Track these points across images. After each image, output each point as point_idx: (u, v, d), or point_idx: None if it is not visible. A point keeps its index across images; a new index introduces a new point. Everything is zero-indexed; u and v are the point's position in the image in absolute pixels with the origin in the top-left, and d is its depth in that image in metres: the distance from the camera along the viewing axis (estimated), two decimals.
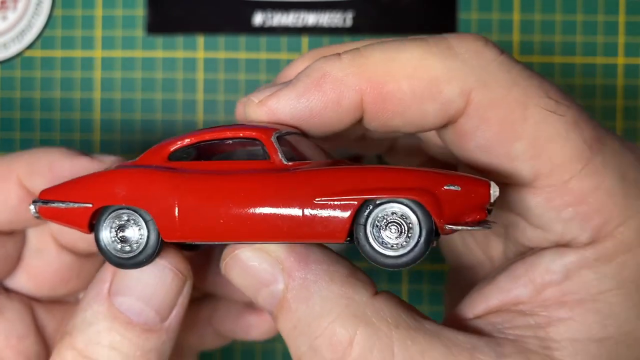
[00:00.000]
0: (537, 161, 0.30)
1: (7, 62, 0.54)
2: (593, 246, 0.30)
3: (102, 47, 0.54)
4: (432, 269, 0.54)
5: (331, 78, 0.31)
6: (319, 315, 0.30)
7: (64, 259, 0.39)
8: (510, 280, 0.32)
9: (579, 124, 0.30)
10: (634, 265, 0.30)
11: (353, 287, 0.30)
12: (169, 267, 0.32)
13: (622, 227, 0.30)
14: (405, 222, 0.28)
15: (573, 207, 0.30)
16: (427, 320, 0.31)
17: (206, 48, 0.54)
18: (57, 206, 0.32)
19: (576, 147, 0.30)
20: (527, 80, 0.30)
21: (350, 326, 0.29)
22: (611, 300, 0.30)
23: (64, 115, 0.54)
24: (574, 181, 0.30)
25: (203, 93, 0.54)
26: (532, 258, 0.32)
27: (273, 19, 0.54)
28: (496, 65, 0.30)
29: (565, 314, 0.30)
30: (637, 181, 0.31)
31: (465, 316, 0.33)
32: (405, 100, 0.30)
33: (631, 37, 0.53)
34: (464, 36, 0.31)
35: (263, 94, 0.32)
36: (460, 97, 0.30)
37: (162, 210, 0.30)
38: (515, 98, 0.30)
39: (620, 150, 0.31)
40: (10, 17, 0.54)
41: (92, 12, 0.54)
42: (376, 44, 0.31)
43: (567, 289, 0.31)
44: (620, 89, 0.53)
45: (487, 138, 0.30)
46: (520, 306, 0.32)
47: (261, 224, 0.29)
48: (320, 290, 0.30)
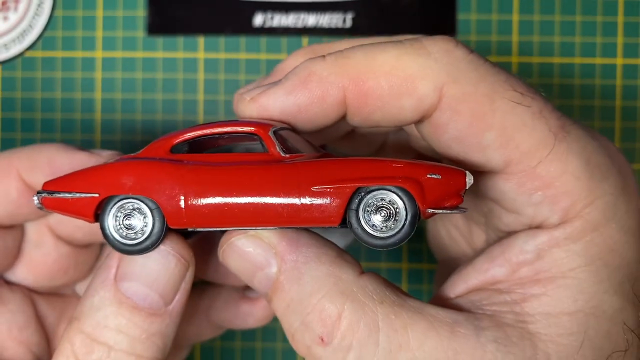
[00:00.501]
0: (506, 149, 0.33)
1: (8, 62, 0.55)
2: (562, 227, 0.33)
3: (103, 47, 0.54)
4: (432, 268, 0.54)
5: (316, 77, 0.34)
6: (309, 293, 0.32)
7: (61, 250, 0.41)
8: (487, 261, 0.35)
9: (543, 114, 0.33)
10: (601, 243, 0.33)
11: (340, 267, 0.33)
12: (172, 253, 0.34)
13: (588, 207, 0.33)
14: (393, 207, 0.32)
15: (542, 190, 0.33)
16: (411, 298, 0.33)
17: (206, 49, 0.54)
18: (63, 197, 0.33)
19: (542, 135, 0.33)
20: (494, 75, 0.33)
21: (339, 302, 0.32)
22: (580, 276, 0.33)
23: (65, 115, 0.54)
24: (541, 166, 0.33)
25: (203, 93, 0.54)
26: (507, 240, 0.35)
27: (273, 19, 0.54)
28: (465, 63, 0.33)
29: (538, 290, 0.33)
30: (600, 165, 0.33)
31: (447, 296, 0.36)
32: (384, 96, 0.33)
33: (630, 38, 0.53)
34: (436, 38, 0.34)
35: (255, 92, 0.35)
36: (433, 92, 0.33)
37: (169, 199, 0.32)
38: (483, 92, 0.33)
39: (584, 137, 0.33)
40: (11, 17, 0.55)
41: (93, 13, 0.54)
42: (357, 46, 0.34)
43: (540, 267, 0.33)
44: (619, 90, 0.53)
45: (459, 129, 0.33)
46: (498, 285, 0.34)
47: (263, 210, 0.31)
48: (310, 270, 0.33)
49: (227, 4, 0.54)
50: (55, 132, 0.54)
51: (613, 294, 0.33)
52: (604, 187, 0.33)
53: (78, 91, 0.54)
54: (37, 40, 0.54)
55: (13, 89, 0.54)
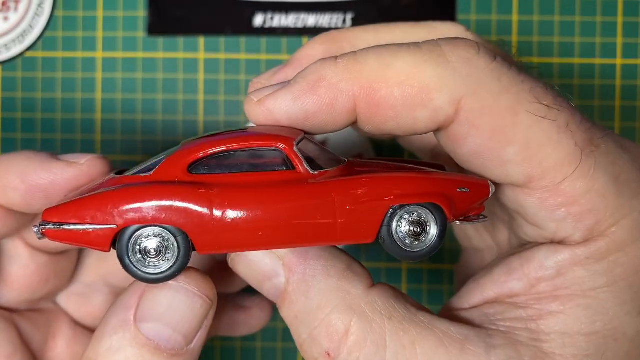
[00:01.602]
0: (529, 165, 0.31)
1: (9, 62, 0.55)
2: (585, 245, 0.31)
3: (104, 48, 0.54)
4: (431, 268, 0.54)
5: (326, 82, 0.32)
6: (317, 307, 0.32)
7: (38, 260, 0.39)
8: (505, 273, 0.33)
9: (570, 127, 0.31)
10: (626, 264, 0.31)
11: (349, 281, 0.32)
12: (198, 295, 0.33)
13: (614, 227, 0.31)
14: (423, 220, 0.32)
15: (565, 207, 0.31)
16: (422, 312, 0.32)
17: (207, 49, 0.54)
18: (74, 229, 0.30)
19: (567, 151, 0.31)
20: (517, 86, 0.31)
21: (346, 317, 0.31)
22: (601, 296, 0.31)
23: (65, 115, 0.54)
24: (566, 183, 0.31)
25: (204, 94, 0.54)
26: (528, 253, 0.33)
27: (273, 20, 0.54)
28: (487, 73, 0.31)
29: (556, 308, 0.32)
30: (630, 181, 0.31)
31: (462, 306, 0.35)
32: (397, 106, 0.31)
33: (629, 38, 0.53)
34: (457, 43, 0.31)
35: (262, 93, 0.33)
36: (450, 104, 0.31)
37: (198, 226, 0.30)
38: (505, 105, 0.30)
39: (615, 152, 0.32)
40: (11, 18, 0.55)
41: (94, 13, 0.54)
42: (372, 49, 0.32)
43: (560, 284, 0.32)
44: (618, 90, 0.53)
45: (478, 144, 0.31)
46: (514, 298, 0.33)
47: (299, 232, 0.31)
48: (318, 283, 0.32)
49: (227, 5, 0.54)
50: (55, 133, 0.54)
51: (636, 316, 0.31)
52: (633, 205, 0.31)
53: (78, 91, 0.54)
54: (38, 41, 0.54)
55: (13, 89, 0.55)
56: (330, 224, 0.31)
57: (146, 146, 0.54)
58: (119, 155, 0.54)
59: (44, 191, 0.35)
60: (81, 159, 0.36)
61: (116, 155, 0.54)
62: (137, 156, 0.54)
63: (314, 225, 0.31)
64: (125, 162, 0.54)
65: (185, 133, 0.54)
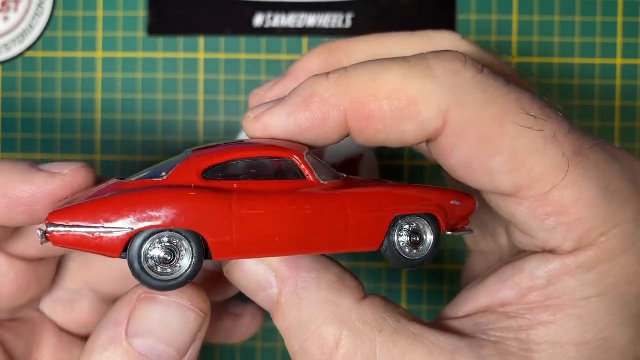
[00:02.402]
0: (517, 174, 0.31)
1: (9, 62, 0.55)
2: (576, 254, 0.32)
3: (103, 48, 0.54)
4: (431, 268, 0.54)
5: (318, 98, 0.32)
6: (308, 319, 0.32)
7: (17, 267, 0.38)
8: (498, 282, 0.34)
9: (557, 138, 0.31)
10: (617, 274, 0.31)
11: (340, 294, 0.33)
12: (192, 309, 0.33)
13: (604, 236, 0.31)
14: (420, 229, 0.34)
15: (555, 217, 0.31)
16: (412, 322, 0.33)
17: (207, 49, 0.54)
18: (85, 232, 0.29)
19: (555, 161, 0.31)
20: (504, 97, 0.31)
21: (337, 330, 0.32)
22: (592, 306, 0.31)
23: (65, 115, 0.54)
24: (554, 192, 0.31)
25: (204, 94, 0.54)
26: (519, 262, 0.34)
27: (273, 20, 0.54)
28: (473, 84, 0.31)
29: (547, 318, 0.32)
30: (620, 191, 0.31)
31: (455, 315, 0.35)
32: (386, 119, 0.32)
33: (629, 39, 0.53)
34: (443, 56, 0.32)
35: (259, 110, 0.34)
36: (437, 116, 0.31)
37: (217, 231, 0.30)
38: (491, 116, 0.31)
39: (604, 161, 0.32)
40: (11, 18, 0.55)
41: (94, 13, 0.54)
42: (362, 64, 0.33)
43: (551, 294, 0.32)
44: (618, 90, 0.53)
45: (465, 155, 0.32)
46: (506, 308, 0.33)
47: (312, 239, 0.31)
48: (309, 295, 0.32)
49: (227, 5, 0.54)
50: (55, 133, 0.54)
51: (627, 326, 0.32)
52: (624, 215, 0.31)
53: (78, 91, 0.54)
54: (38, 41, 0.54)
55: (13, 89, 0.55)
56: (343, 231, 0.32)
57: (146, 146, 0.54)
58: (119, 155, 0.54)
59: (26, 204, 0.34)
60: (64, 169, 0.35)
61: (116, 155, 0.54)
62: (137, 156, 0.54)
63: (328, 232, 0.31)
64: (125, 162, 0.54)
65: (185, 133, 0.54)
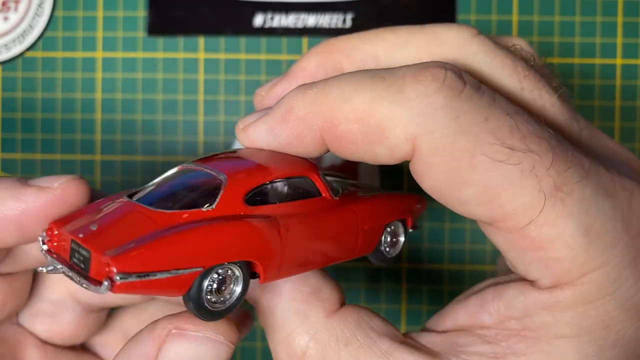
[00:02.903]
0: (489, 207, 0.30)
1: (9, 62, 0.55)
2: (553, 291, 0.30)
3: (103, 48, 0.54)
4: (432, 268, 0.54)
5: (294, 115, 0.32)
6: (279, 327, 0.33)
7: (77, 310, 0.39)
8: (479, 304, 0.33)
9: (536, 172, 0.29)
10: (594, 317, 0.30)
11: (310, 306, 0.33)
12: (224, 342, 0.32)
13: (584, 278, 0.30)
14: (396, 231, 0.38)
15: (532, 252, 0.30)
16: (383, 338, 0.32)
17: (207, 49, 0.54)
18: (153, 278, 0.27)
19: (530, 196, 0.29)
20: (477, 126, 0.29)
21: (304, 341, 0.32)
22: (564, 347, 0.30)
23: (65, 115, 0.54)
24: (532, 228, 0.29)
25: (204, 94, 0.54)
26: (500, 288, 0.33)
27: (273, 20, 0.54)
28: (444, 111, 0.29)
29: (521, 349, 0.31)
30: (604, 233, 0.30)
31: (436, 328, 0.35)
32: (357, 141, 0.31)
33: (629, 39, 0.53)
34: (420, 76, 0.30)
35: (246, 121, 0.34)
36: (405, 142, 0.30)
37: (269, 258, 0.30)
38: (461, 147, 0.29)
39: (590, 199, 0.30)
40: (11, 18, 0.55)
41: (94, 14, 0.54)
42: (338, 79, 0.32)
43: (527, 325, 0.31)
44: (618, 90, 0.53)
45: (435, 182, 0.31)
46: (484, 331, 0.32)
47: (337, 250, 0.34)
48: (282, 305, 0.33)
49: (227, 5, 0.54)
50: (55, 133, 0.54)
51: None
52: (606, 258, 0.29)
53: (78, 91, 0.54)
54: (38, 41, 0.54)
55: (13, 89, 0.55)
56: (354, 241, 0.34)
57: (145, 146, 0.54)
58: (119, 155, 0.54)
59: (16, 222, 0.33)
60: (54, 182, 0.33)
61: (116, 155, 0.54)
62: (137, 156, 0.54)
63: (346, 243, 0.34)
64: (125, 162, 0.54)
65: (185, 133, 0.54)
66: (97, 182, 0.54)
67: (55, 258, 0.29)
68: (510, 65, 0.34)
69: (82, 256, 0.28)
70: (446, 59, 0.33)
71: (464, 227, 0.53)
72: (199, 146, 0.54)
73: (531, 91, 0.33)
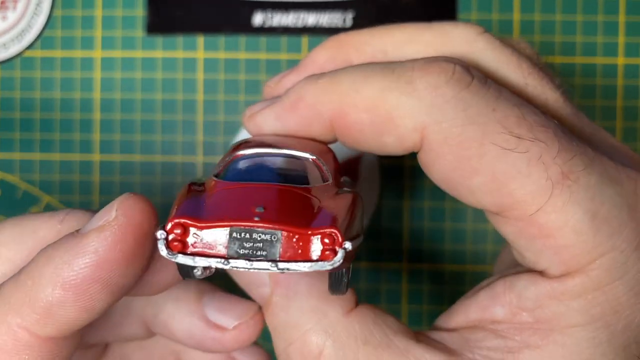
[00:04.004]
0: (498, 195, 0.30)
1: (7, 62, 0.54)
2: (563, 280, 0.31)
3: (102, 47, 0.54)
4: (432, 269, 0.54)
5: (304, 103, 0.33)
6: (294, 325, 0.32)
7: None
8: (490, 297, 0.33)
9: (543, 160, 0.30)
10: (604, 303, 0.30)
11: (329, 303, 0.32)
12: None
13: (592, 264, 0.30)
14: None
15: (541, 240, 0.30)
16: (399, 336, 0.32)
17: (206, 48, 0.54)
18: (356, 245, 0.27)
19: (538, 184, 0.30)
20: (486, 116, 0.30)
21: (321, 339, 0.32)
22: (577, 335, 0.30)
23: (64, 115, 0.54)
24: (540, 215, 0.30)
25: (203, 93, 0.54)
26: (511, 279, 0.33)
27: (273, 19, 0.54)
28: (453, 102, 0.30)
29: (534, 342, 0.31)
30: (610, 218, 0.30)
31: (447, 326, 0.34)
32: (366, 131, 0.32)
33: (631, 38, 0.53)
34: (430, 68, 0.31)
35: (254, 109, 0.35)
36: (414, 132, 0.31)
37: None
38: (470, 136, 0.30)
39: (596, 185, 0.30)
40: (10, 17, 0.54)
41: (92, 13, 0.54)
42: (349, 70, 0.32)
43: (539, 317, 0.31)
44: (620, 89, 0.53)
45: (444, 172, 0.31)
46: (496, 325, 0.32)
47: None
48: (299, 302, 0.32)
49: (227, 4, 0.54)
50: (54, 132, 0.54)
51: (613, 358, 0.30)
52: (613, 243, 0.30)
53: (77, 91, 0.54)
54: (36, 40, 0.54)
55: (11, 88, 0.54)
56: None
57: (145, 146, 0.54)
58: (118, 154, 0.54)
59: (96, 279, 0.27)
60: (111, 212, 0.28)
61: (115, 154, 0.54)
62: (136, 156, 0.54)
63: None
64: (125, 162, 0.54)
65: (184, 133, 0.54)
66: (96, 182, 0.54)
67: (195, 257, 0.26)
68: (515, 62, 0.34)
69: (260, 241, 0.26)
70: (453, 55, 0.34)
71: (465, 227, 0.53)
72: (198, 146, 0.54)
73: (535, 87, 0.34)
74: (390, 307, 0.53)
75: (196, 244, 0.26)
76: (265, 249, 0.26)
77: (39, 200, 0.54)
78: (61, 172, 0.54)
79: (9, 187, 0.54)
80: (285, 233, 0.26)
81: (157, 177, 0.54)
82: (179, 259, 0.26)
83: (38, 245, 0.29)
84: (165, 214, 0.28)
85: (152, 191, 0.53)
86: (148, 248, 0.28)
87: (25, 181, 0.54)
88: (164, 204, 0.52)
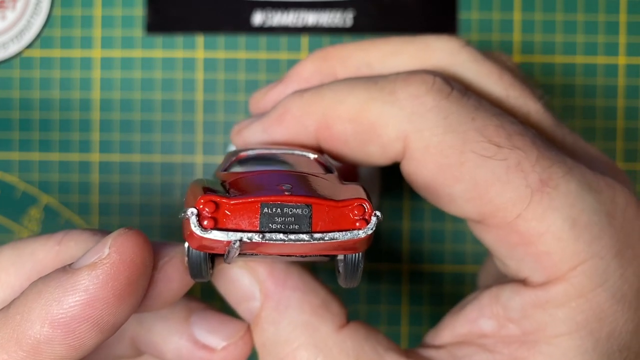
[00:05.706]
0: (479, 202, 0.31)
1: (6, 62, 0.54)
2: (546, 288, 0.31)
3: (101, 46, 0.54)
4: (432, 269, 0.53)
5: (290, 116, 0.34)
6: (285, 340, 0.32)
7: None
8: (476, 309, 0.33)
9: (522, 167, 0.30)
10: (588, 310, 0.30)
11: (320, 319, 0.32)
12: None
13: (574, 271, 0.30)
14: None
15: (522, 247, 0.31)
16: (390, 353, 0.32)
17: (206, 48, 0.54)
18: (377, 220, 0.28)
19: (517, 191, 0.30)
20: (465, 125, 0.31)
21: (312, 355, 0.31)
22: (563, 344, 0.30)
23: (63, 115, 0.54)
24: (520, 222, 0.30)
25: (203, 93, 0.54)
26: (496, 289, 0.33)
27: (273, 18, 0.54)
28: (434, 111, 0.31)
29: (522, 355, 0.31)
30: (590, 225, 0.30)
31: (434, 342, 0.34)
32: (350, 141, 0.33)
33: (632, 37, 0.53)
34: (411, 79, 0.32)
35: (242, 125, 0.36)
36: (396, 141, 0.32)
37: None
38: (450, 144, 0.31)
39: (576, 192, 0.30)
40: (9, 16, 0.54)
41: (91, 12, 0.54)
42: (333, 84, 0.34)
43: (526, 328, 0.31)
44: (621, 89, 0.53)
45: (426, 180, 0.32)
46: (484, 339, 0.32)
47: None
48: (290, 316, 0.32)
49: (226, 3, 0.54)
50: (53, 132, 0.54)
51: None
52: (594, 250, 0.30)
53: (76, 90, 0.54)
54: (35, 40, 0.54)
55: (11, 88, 0.54)
56: None
57: (144, 146, 0.54)
58: (117, 154, 0.54)
59: (85, 319, 0.26)
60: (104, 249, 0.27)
61: (115, 154, 0.54)
62: (135, 155, 0.54)
63: None
64: (124, 162, 0.54)
65: (184, 133, 0.54)
66: (96, 182, 0.54)
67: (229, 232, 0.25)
68: (496, 74, 0.35)
69: (292, 215, 0.26)
70: (436, 67, 0.35)
71: (465, 228, 0.52)
72: (197, 146, 0.53)
73: (516, 98, 0.34)
74: (390, 308, 0.53)
75: (226, 221, 0.26)
76: (298, 223, 0.26)
77: (38, 200, 0.54)
78: (60, 172, 0.54)
79: (8, 187, 0.54)
80: (317, 206, 0.26)
81: (156, 177, 0.53)
82: (213, 234, 0.25)
83: (37, 268, 0.30)
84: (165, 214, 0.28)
85: (151, 191, 0.53)
86: (142, 285, 0.28)
87: (24, 181, 0.54)
88: (163, 204, 0.52)
